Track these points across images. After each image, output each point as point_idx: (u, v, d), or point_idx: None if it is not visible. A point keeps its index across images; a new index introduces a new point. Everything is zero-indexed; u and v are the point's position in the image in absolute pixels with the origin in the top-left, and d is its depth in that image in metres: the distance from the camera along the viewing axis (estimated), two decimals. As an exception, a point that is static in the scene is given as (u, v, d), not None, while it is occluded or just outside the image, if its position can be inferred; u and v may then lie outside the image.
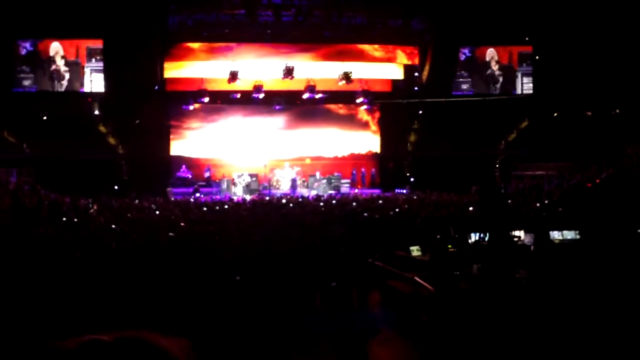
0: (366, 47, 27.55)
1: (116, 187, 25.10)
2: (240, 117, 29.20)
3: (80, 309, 5.89)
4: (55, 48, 24.60)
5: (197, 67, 26.91)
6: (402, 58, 28.09)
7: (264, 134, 29.15)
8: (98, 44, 24.74)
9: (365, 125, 30.24)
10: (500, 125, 27.78)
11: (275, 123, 29.30)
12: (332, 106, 29.37)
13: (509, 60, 27.28)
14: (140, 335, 1.36)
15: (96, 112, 25.77)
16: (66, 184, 20.56)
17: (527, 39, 26.95)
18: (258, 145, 28.89)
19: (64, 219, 14.33)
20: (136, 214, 15.18)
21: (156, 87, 26.56)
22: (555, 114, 27.38)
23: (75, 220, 13.89)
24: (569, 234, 10.16)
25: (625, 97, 25.36)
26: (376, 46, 27.61)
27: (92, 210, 16.54)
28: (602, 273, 6.71)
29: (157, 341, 1.36)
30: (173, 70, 27.02)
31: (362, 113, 29.92)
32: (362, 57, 27.44)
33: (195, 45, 26.67)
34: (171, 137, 28.69)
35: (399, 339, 7.83)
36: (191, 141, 28.91)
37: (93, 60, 24.72)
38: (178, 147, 28.77)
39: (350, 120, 30.01)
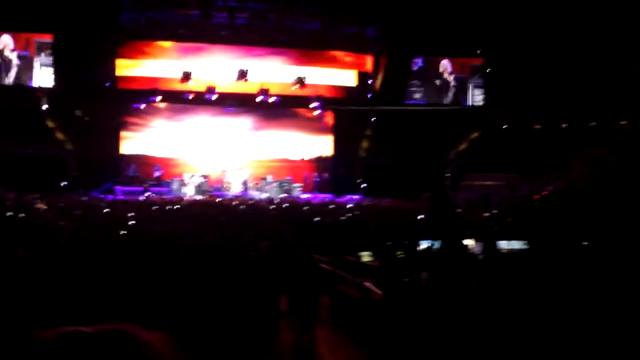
0: (321, 53, 27.60)
1: (64, 184, 24.67)
2: (198, 117, 28.98)
3: (21, 305, 5.79)
4: (4, 41, 24.13)
5: (150, 66, 26.64)
6: (356, 65, 28.24)
7: (223, 135, 28.97)
8: (48, 38, 24.33)
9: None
10: (451, 135, 28.11)
11: (235, 124, 29.18)
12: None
13: (461, 71, 27.65)
14: (121, 328, 1.36)
15: (45, 107, 25.32)
16: (12, 179, 20.10)
17: (478, 51, 27.35)
18: (215, 147, 28.70)
19: (9, 214, 14.04)
20: (84, 211, 14.96)
21: (107, 84, 26.21)
22: (505, 126, 27.81)
23: (21, 215, 13.62)
24: (517, 244, 10.31)
25: (573, 111, 25.92)
26: (330, 52, 27.69)
27: (38, 206, 16.24)
28: (548, 282, 6.84)
29: (138, 334, 1.36)
30: (125, 68, 26.68)
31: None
32: (316, 62, 27.49)
33: (148, 43, 26.39)
34: (122, 134, 28.32)
35: (347, 342, 7.87)
36: (144, 139, 28.58)
37: (43, 54, 24.31)
38: (129, 145, 28.40)
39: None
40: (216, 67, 26.59)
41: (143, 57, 26.51)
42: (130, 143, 28.42)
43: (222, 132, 28.97)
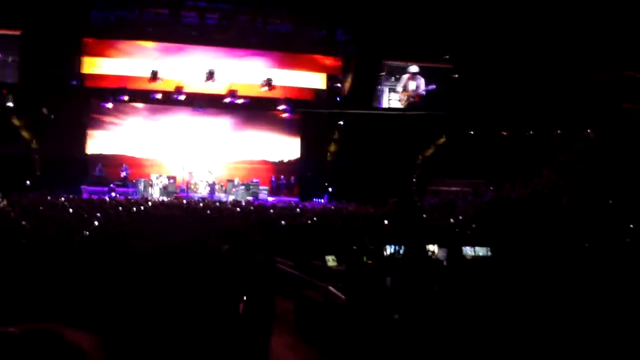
0: (290, 55, 27.55)
1: (28, 183, 24.33)
2: (166, 117, 28.89)
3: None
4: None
5: (118, 65, 26.33)
6: (326, 68, 28.24)
7: (190, 136, 28.86)
8: (15, 33, 23.94)
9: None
10: (419, 140, 28.26)
11: (203, 125, 29.10)
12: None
13: (430, 76, 27.73)
14: (49, 328, 1.34)
15: (9, 104, 24.97)
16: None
17: (447, 57, 27.50)
18: (182, 147, 28.55)
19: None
20: (48, 211, 14.78)
21: (74, 82, 25.91)
22: (472, 132, 28.03)
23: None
24: (481, 250, 10.38)
25: (539, 119, 26.20)
26: (300, 55, 27.65)
27: (1, 205, 16.02)
28: (512, 289, 6.90)
29: (66, 334, 1.34)
30: (93, 66, 26.34)
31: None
32: (286, 64, 27.43)
33: (116, 42, 26.09)
34: (88, 133, 28.04)
35: (307, 347, 7.87)
36: (110, 139, 28.35)
37: (8, 49, 23.92)
38: (96, 144, 28.14)
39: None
40: (185, 67, 26.38)
41: (111, 56, 26.17)
42: (97, 142, 28.18)
43: (190, 133, 28.84)
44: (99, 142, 28.22)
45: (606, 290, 6.59)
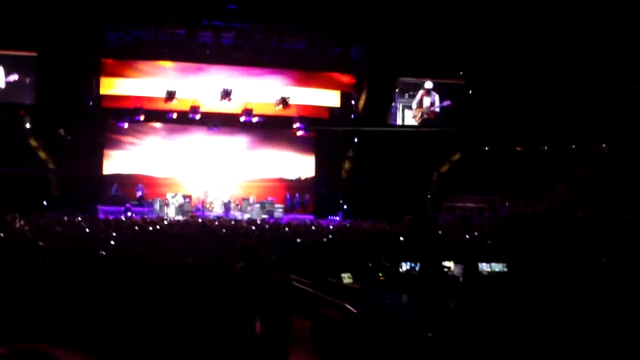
0: (305, 74, 27.62)
1: (45, 203, 24.48)
2: (182, 136, 29.05)
3: None
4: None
5: (134, 85, 26.53)
6: (340, 86, 28.31)
7: (206, 155, 28.99)
8: (32, 54, 24.17)
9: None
10: (433, 157, 28.22)
11: (218, 144, 29.24)
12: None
13: (444, 93, 27.73)
14: (36, 348, 1.35)
15: (27, 125, 25.19)
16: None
17: (460, 73, 27.52)
18: (198, 166, 28.67)
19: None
20: (65, 231, 14.87)
21: (90, 103, 26.12)
22: (487, 148, 27.98)
23: (1, 234, 13.52)
24: (497, 266, 10.36)
25: (554, 134, 26.13)
26: (315, 73, 27.72)
27: (18, 225, 16.13)
28: (528, 304, 6.88)
29: (53, 353, 1.36)
30: (109, 86, 26.53)
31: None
32: (300, 82, 27.50)
33: (132, 62, 26.26)
34: (105, 153, 28.21)
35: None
36: (126, 159, 28.51)
37: (26, 71, 24.14)
38: (112, 164, 28.31)
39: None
40: (201, 86, 26.54)
41: (127, 76, 26.34)
42: (113, 162, 28.32)
43: (206, 152, 28.94)
44: (115, 162, 28.36)
45: (624, 306, 6.56)
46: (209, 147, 29.02)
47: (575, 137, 26.26)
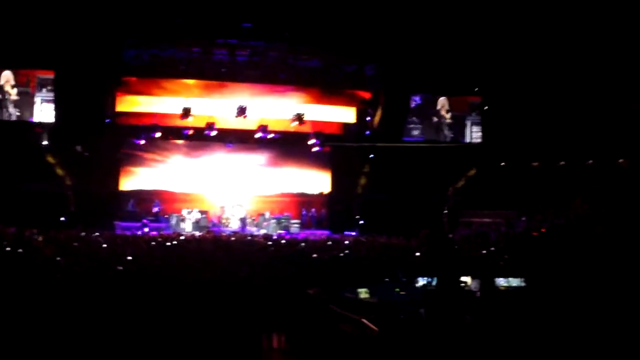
0: (320, 90, 27.71)
1: (63, 219, 24.63)
2: (198, 152, 29.22)
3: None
4: (6, 77, 24.21)
5: (150, 102, 26.75)
6: (355, 102, 28.41)
7: (222, 171, 29.13)
8: (50, 74, 24.43)
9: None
10: (449, 172, 28.15)
11: (234, 160, 29.39)
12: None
13: (459, 109, 27.75)
14: None
15: (45, 143, 25.39)
16: (12, 215, 20.11)
17: (476, 89, 27.51)
18: (214, 182, 28.82)
19: (8, 249, 14.03)
20: (82, 247, 14.95)
21: (107, 120, 26.30)
22: (503, 163, 27.89)
23: (20, 251, 13.62)
24: (515, 281, 10.31)
25: (571, 149, 26.01)
26: (330, 89, 27.79)
27: (37, 241, 16.24)
28: (546, 319, 6.84)
29: None
30: (126, 104, 26.77)
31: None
32: (315, 99, 27.60)
33: (149, 80, 26.48)
34: (121, 170, 28.38)
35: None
36: (143, 175, 28.67)
37: (44, 90, 24.33)
38: (129, 180, 28.46)
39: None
40: (216, 103, 26.73)
41: (144, 93, 26.59)
42: (130, 179, 28.47)
43: (222, 168, 29.07)
44: (132, 178, 28.52)
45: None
46: (225, 163, 29.15)
47: (592, 152, 26.12)
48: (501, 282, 10.29)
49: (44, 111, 24.36)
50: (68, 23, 22.93)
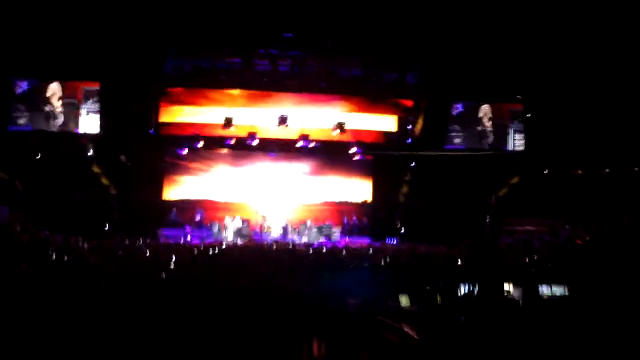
0: (361, 99, 27.71)
1: (107, 227, 25.00)
2: (240, 162, 29.51)
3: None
4: (53, 88, 24.70)
5: (192, 112, 27.09)
6: (396, 110, 28.36)
7: (264, 180, 29.36)
8: (95, 85, 24.86)
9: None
10: (492, 180, 27.92)
11: (276, 169, 29.61)
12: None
13: (501, 116, 27.53)
14: None
15: (90, 153, 25.82)
16: (58, 223, 20.48)
17: (518, 97, 27.27)
18: (256, 191, 29.02)
19: (54, 257, 14.26)
20: (126, 255, 15.13)
21: (151, 131, 26.66)
22: (546, 171, 27.59)
23: (66, 259, 13.83)
24: (558, 290, 10.17)
25: (616, 156, 25.63)
26: (371, 98, 27.76)
27: (82, 250, 16.47)
28: (591, 329, 6.75)
29: None
30: (168, 114, 27.16)
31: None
32: (356, 108, 27.62)
33: (191, 90, 26.77)
34: (164, 179, 28.72)
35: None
36: (186, 184, 29.00)
37: (90, 101, 24.80)
38: (172, 189, 28.79)
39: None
40: (258, 113, 26.94)
41: (186, 104, 26.95)
42: (173, 188, 28.80)
43: (263, 177, 29.24)
44: (175, 187, 28.85)
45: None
46: (267, 172, 29.32)
47: (638, 159, 25.71)
48: (544, 290, 10.18)
49: (89, 122, 24.80)
50: (113, 35, 23.34)
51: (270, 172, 29.37)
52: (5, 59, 23.33)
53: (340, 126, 26.29)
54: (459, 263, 14.94)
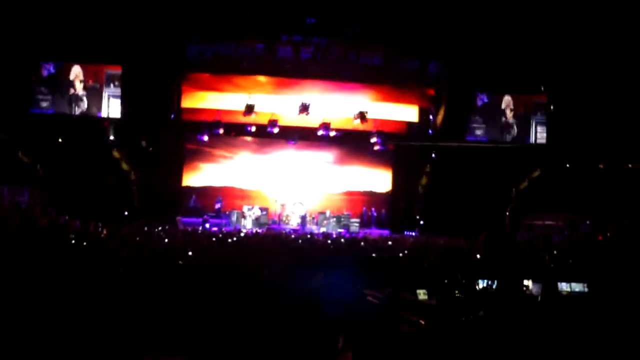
0: (383, 88, 27.58)
1: (126, 213, 25.09)
2: (261, 149, 29.59)
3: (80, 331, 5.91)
4: (76, 72, 24.78)
5: (214, 98, 27.06)
6: (418, 101, 28.21)
7: (284, 168, 29.39)
8: (117, 69, 24.91)
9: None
10: (513, 173, 27.73)
11: (297, 158, 29.61)
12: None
13: (524, 108, 27.30)
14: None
15: (111, 137, 25.92)
16: (77, 207, 20.57)
17: (542, 88, 27.03)
18: (276, 179, 29.09)
19: (73, 241, 14.34)
20: (144, 241, 15.17)
21: (172, 116, 26.72)
22: (568, 165, 27.36)
23: (84, 243, 13.90)
24: (577, 286, 10.08)
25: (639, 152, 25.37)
26: (392, 87, 27.64)
27: (101, 235, 16.54)
28: (610, 327, 6.68)
29: None
30: (190, 100, 27.16)
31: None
32: (378, 97, 27.51)
33: (212, 76, 26.77)
34: (184, 165, 28.81)
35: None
36: (206, 171, 29.08)
37: (112, 85, 24.84)
38: (192, 176, 28.90)
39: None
40: (279, 100, 26.89)
41: (207, 89, 26.91)
42: (193, 174, 28.87)
43: (284, 166, 29.22)
44: (196, 173, 28.91)
45: None
46: (287, 161, 29.31)
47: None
48: (563, 287, 10.09)
49: (111, 107, 24.87)
50: (136, 19, 23.42)
51: (290, 161, 29.34)
52: (31, 42, 23.44)
53: (361, 115, 26.17)
54: (478, 257, 14.86)
